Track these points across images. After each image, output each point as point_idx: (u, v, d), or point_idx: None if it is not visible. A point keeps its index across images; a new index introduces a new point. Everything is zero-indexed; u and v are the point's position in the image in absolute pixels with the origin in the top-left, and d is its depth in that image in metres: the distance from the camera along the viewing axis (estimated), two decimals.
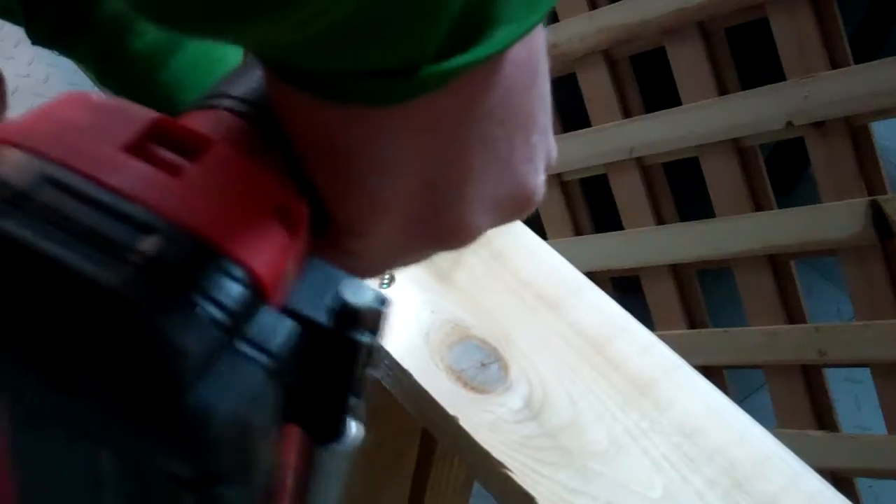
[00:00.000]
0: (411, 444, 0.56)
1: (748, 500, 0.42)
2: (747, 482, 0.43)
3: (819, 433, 1.30)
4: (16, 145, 0.22)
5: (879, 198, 1.15)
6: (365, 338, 0.23)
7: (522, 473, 0.41)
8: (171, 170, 0.22)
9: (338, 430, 0.25)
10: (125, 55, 0.53)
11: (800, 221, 1.23)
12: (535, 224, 0.52)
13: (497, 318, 0.47)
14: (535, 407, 0.44)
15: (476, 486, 0.63)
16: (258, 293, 0.22)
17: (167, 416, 0.20)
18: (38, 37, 0.56)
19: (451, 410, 0.43)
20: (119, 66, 0.54)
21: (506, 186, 0.29)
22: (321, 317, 0.23)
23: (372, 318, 0.23)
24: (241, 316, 0.21)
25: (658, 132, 1.32)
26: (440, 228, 0.28)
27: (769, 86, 1.20)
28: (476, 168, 0.27)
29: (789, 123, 1.20)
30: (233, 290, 0.21)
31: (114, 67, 0.55)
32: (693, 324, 1.41)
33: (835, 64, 1.14)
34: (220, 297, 0.20)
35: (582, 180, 1.47)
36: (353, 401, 0.25)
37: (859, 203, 1.16)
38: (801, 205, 1.23)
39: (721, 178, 1.29)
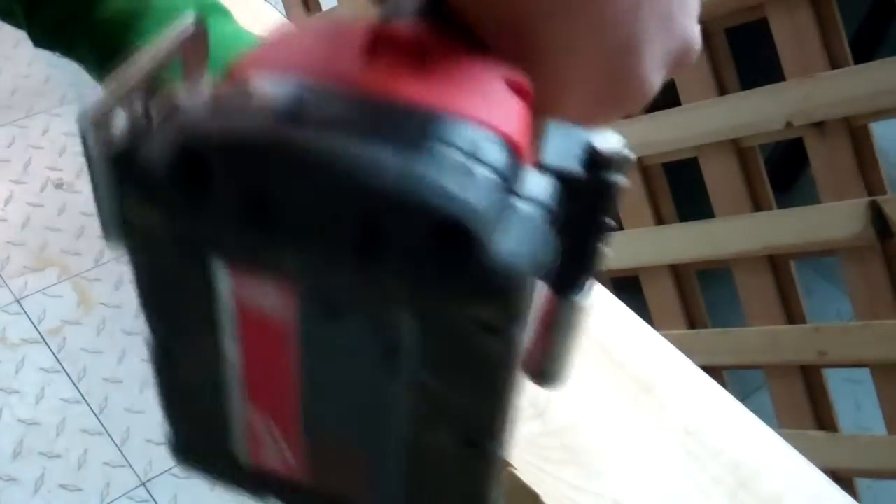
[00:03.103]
0: None
1: (753, 498, 0.42)
2: (752, 481, 0.43)
3: (819, 433, 1.30)
4: (271, 69, 0.24)
5: (879, 198, 1.15)
6: (619, 178, 0.25)
7: (528, 471, 0.41)
8: (409, 65, 0.24)
9: (583, 280, 0.27)
10: (126, 54, 0.53)
11: (800, 221, 1.23)
12: None
13: None
14: (539, 405, 0.44)
15: None
16: (516, 155, 0.23)
17: (476, 268, 0.22)
18: (39, 39, 0.56)
19: None
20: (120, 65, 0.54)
21: (671, 40, 0.30)
22: (575, 167, 0.25)
23: (620, 160, 0.25)
24: (510, 176, 0.23)
25: (658, 132, 1.32)
26: (622, 92, 0.30)
27: (769, 86, 1.20)
28: (647, 28, 0.28)
29: (789, 123, 1.20)
30: (498, 155, 0.23)
31: (115, 67, 0.55)
32: (693, 324, 1.41)
33: (835, 64, 1.14)
34: (490, 162, 0.22)
35: None
36: (600, 248, 0.26)
37: (859, 203, 1.16)
38: (801, 204, 1.23)
39: (721, 178, 1.29)
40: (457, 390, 0.25)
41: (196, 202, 0.23)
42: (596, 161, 0.25)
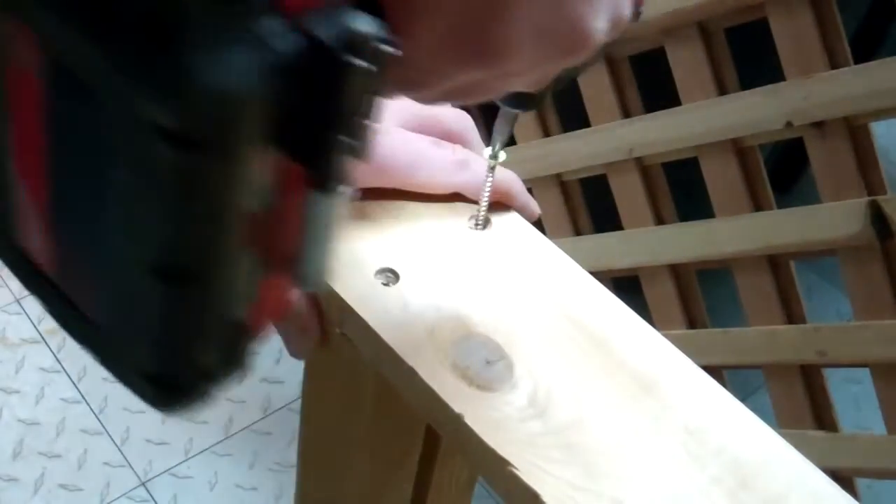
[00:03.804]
0: (414, 442, 0.56)
1: (753, 497, 0.42)
2: (753, 480, 0.43)
3: (819, 433, 1.30)
4: None
5: (879, 198, 1.15)
6: (360, 63, 0.25)
7: (528, 471, 0.41)
8: None
9: (329, 166, 0.27)
10: None
11: (799, 221, 1.23)
12: (535, 223, 0.53)
13: (502, 315, 0.47)
14: (539, 405, 0.44)
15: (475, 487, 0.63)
16: (274, 3, 0.24)
17: (166, 62, 0.22)
18: None
19: (457, 408, 0.43)
20: None
21: (555, 17, 0.29)
22: (328, 37, 0.25)
23: (370, 47, 0.25)
24: (252, 10, 0.23)
25: (658, 132, 1.32)
26: (481, 43, 0.29)
27: (769, 86, 1.20)
28: None
29: (789, 123, 1.20)
30: None
31: None
32: (693, 324, 1.41)
33: (835, 64, 1.14)
34: None
35: (582, 180, 1.47)
36: (348, 142, 0.26)
37: (859, 203, 1.16)
38: (801, 204, 1.23)
39: (721, 178, 1.29)
40: (145, 203, 0.25)
41: None
42: (345, 39, 0.25)
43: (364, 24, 0.25)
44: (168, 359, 0.29)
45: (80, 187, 0.27)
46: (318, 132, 0.26)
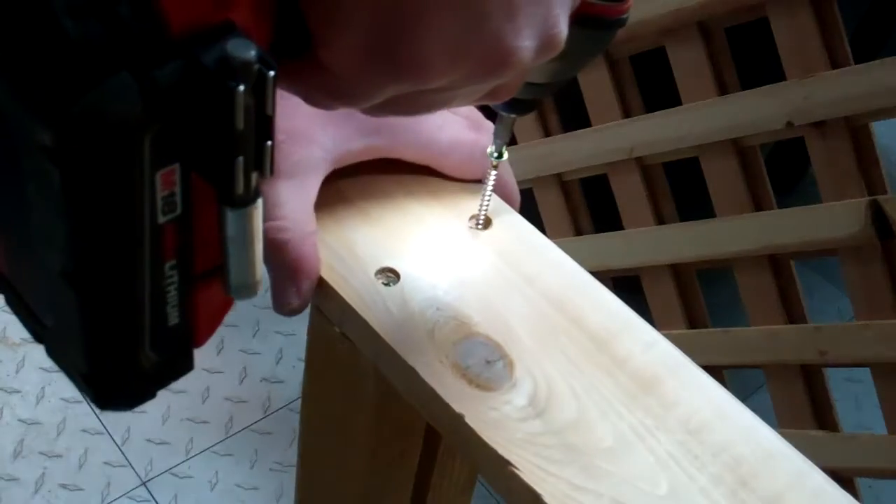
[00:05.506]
0: (414, 442, 0.56)
1: (753, 497, 0.42)
2: (752, 479, 0.43)
3: (819, 433, 1.30)
4: None
5: (879, 198, 1.15)
6: (239, 87, 0.25)
7: (529, 471, 0.41)
8: None
9: (232, 185, 0.27)
10: None
11: (800, 221, 1.23)
12: (535, 223, 0.53)
13: (502, 315, 0.47)
14: (539, 404, 0.44)
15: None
16: (161, 26, 0.25)
17: (50, 88, 0.24)
18: None
19: (457, 408, 0.43)
20: None
21: (474, 35, 0.29)
22: (206, 61, 0.26)
23: (246, 71, 0.26)
24: (134, 34, 0.24)
25: (658, 132, 1.32)
26: (395, 58, 0.29)
27: (769, 86, 1.20)
28: (435, 4, 0.28)
29: (789, 123, 1.20)
30: (137, 12, 0.24)
31: None
32: (693, 324, 1.41)
33: (835, 64, 1.14)
34: (126, 14, 0.24)
35: (582, 180, 1.47)
36: (246, 161, 0.27)
37: (859, 203, 1.16)
38: (801, 204, 1.23)
39: (721, 178, 1.29)
40: (44, 212, 0.27)
41: None
42: (223, 64, 0.26)
43: (243, 48, 0.26)
44: (98, 360, 0.30)
45: (10, 196, 0.28)
46: (214, 153, 0.27)
